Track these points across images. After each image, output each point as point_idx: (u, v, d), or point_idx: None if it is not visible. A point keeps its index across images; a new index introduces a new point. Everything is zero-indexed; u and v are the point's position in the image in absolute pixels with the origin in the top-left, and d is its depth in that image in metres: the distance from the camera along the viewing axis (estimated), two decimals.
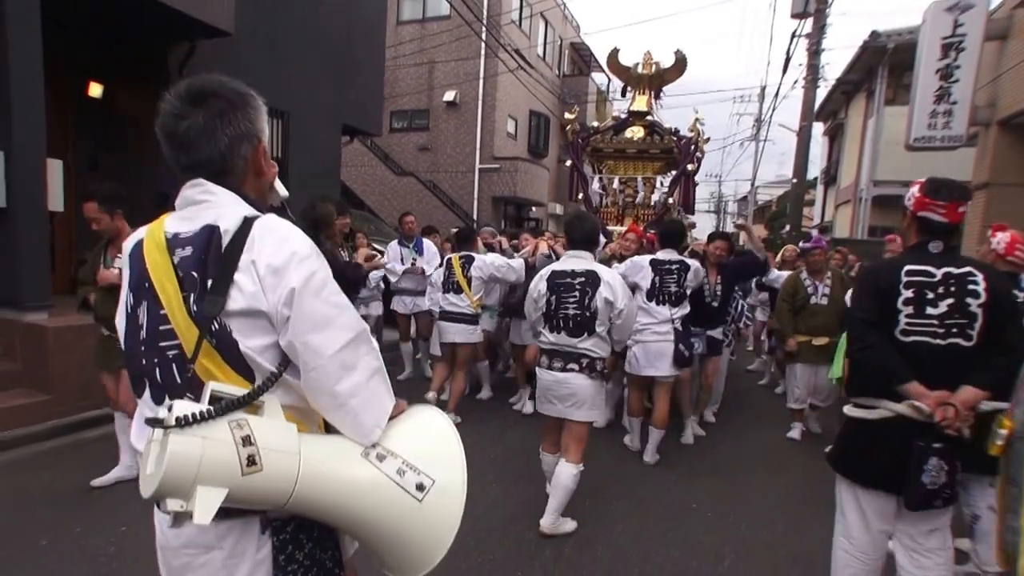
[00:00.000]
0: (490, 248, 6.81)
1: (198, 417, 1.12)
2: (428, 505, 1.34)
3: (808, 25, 13.77)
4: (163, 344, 1.29)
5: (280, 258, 1.26)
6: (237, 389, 1.22)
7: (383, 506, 1.33)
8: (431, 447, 1.42)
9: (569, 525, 3.81)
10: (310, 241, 1.32)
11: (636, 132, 8.06)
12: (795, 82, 15.51)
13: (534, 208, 24.28)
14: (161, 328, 1.29)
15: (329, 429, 1.40)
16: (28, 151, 5.43)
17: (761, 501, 4.39)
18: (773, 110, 32.30)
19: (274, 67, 8.90)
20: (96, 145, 7.79)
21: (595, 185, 8.12)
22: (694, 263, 5.06)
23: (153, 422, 1.13)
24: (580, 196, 8.22)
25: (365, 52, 11.15)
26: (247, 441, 1.15)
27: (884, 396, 2.38)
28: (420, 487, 1.34)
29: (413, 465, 1.35)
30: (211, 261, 1.25)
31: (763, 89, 27.95)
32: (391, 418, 1.41)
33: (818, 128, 21.41)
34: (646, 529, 3.89)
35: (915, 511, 2.39)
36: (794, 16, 13.80)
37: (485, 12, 18.28)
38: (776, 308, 6.19)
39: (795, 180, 15.56)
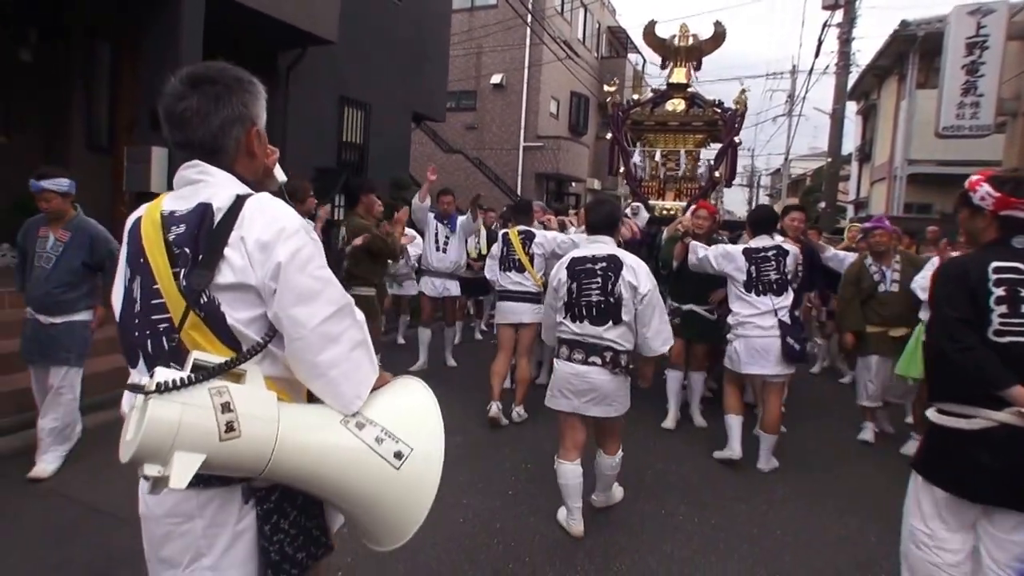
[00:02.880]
0: (542, 225, 6.45)
1: (178, 383, 1.12)
2: (405, 473, 1.33)
3: (839, 16, 14.39)
4: (155, 317, 1.34)
5: (268, 234, 1.30)
6: (220, 358, 1.23)
7: (360, 473, 1.33)
8: (411, 418, 1.43)
9: (618, 492, 3.91)
10: (300, 218, 1.37)
11: (677, 104, 7.76)
12: (826, 67, 16.10)
13: (574, 184, 25.19)
14: (153, 302, 1.33)
15: (312, 401, 1.42)
16: None
17: (810, 449, 5.06)
18: (807, 90, 32.41)
19: (361, 67, 10.13)
20: None
21: (636, 158, 7.78)
22: (793, 248, 4.72)
23: (134, 388, 1.15)
24: (621, 170, 7.90)
25: (432, 47, 12.32)
26: (226, 407, 1.15)
27: (978, 402, 2.14)
28: (398, 455, 1.33)
29: (392, 434, 1.35)
30: (202, 237, 1.30)
31: (795, 67, 28.28)
32: (374, 390, 1.43)
33: (851, 107, 21.69)
34: (712, 471, 4.55)
35: None
36: (825, 8, 14.47)
37: (531, 2, 19.13)
38: (839, 297, 5.57)
39: (830, 159, 16.22)
